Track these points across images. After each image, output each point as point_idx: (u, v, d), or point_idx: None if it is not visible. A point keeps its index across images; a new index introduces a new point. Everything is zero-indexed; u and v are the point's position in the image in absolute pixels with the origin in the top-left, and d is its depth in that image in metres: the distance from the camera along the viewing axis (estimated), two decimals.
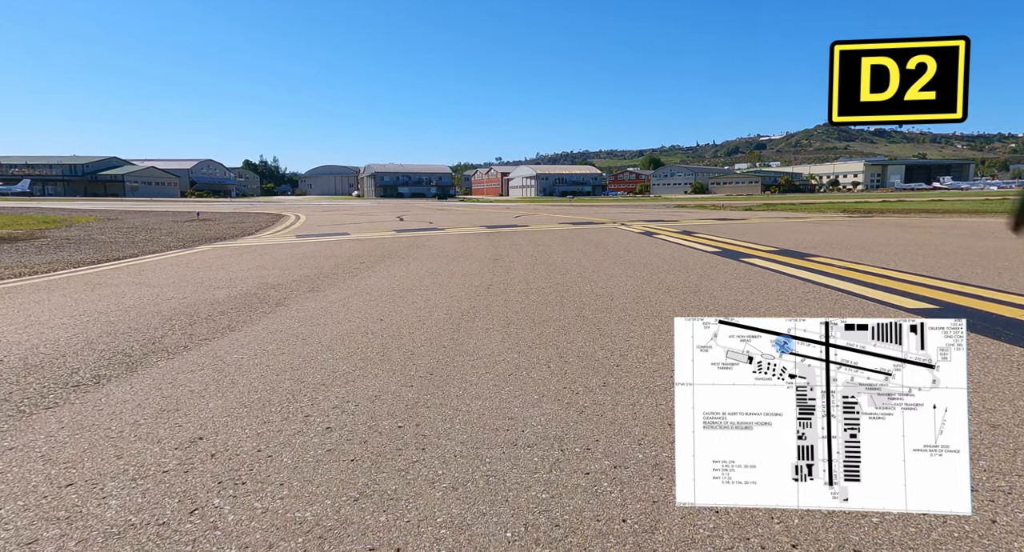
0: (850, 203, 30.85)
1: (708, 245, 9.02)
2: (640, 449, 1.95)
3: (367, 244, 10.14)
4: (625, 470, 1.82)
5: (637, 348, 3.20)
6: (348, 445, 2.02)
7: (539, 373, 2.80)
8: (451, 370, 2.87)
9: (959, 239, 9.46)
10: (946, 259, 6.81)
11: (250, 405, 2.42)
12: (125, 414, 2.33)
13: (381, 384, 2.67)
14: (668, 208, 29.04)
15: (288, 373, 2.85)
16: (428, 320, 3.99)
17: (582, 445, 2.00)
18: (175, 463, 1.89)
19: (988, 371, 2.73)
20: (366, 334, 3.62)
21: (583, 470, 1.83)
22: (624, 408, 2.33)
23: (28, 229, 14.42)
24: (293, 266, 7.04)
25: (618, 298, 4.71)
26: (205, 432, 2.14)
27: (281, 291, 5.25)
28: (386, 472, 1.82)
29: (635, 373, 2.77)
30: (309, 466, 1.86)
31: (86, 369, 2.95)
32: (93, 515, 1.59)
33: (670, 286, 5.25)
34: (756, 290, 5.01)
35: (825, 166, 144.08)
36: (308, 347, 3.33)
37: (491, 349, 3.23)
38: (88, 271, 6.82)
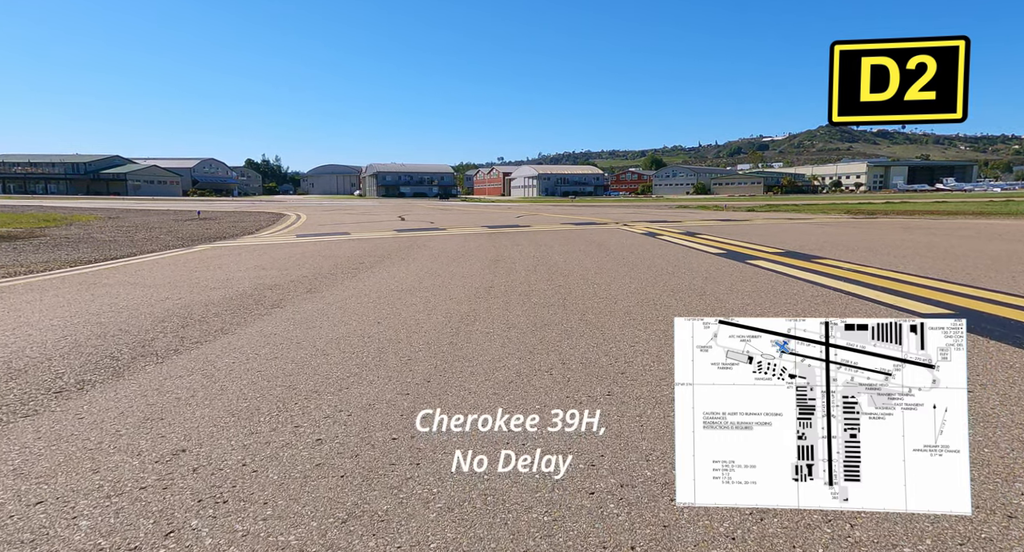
0: (853, 204, 30.68)
1: (712, 246, 8.89)
2: (648, 466, 1.84)
3: (367, 244, 10.04)
4: (633, 489, 1.71)
5: (643, 354, 3.08)
6: (338, 459, 1.90)
7: (541, 381, 2.68)
8: (449, 377, 2.76)
9: (967, 241, 9.32)
10: (956, 262, 6.68)
11: (238, 414, 2.31)
12: (107, 423, 2.22)
13: (376, 392, 2.55)
14: (670, 209, 28.91)
15: (280, 379, 2.74)
16: (427, 323, 3.88)
17: (586, 461, 1.88)
18: (154, 478, 1.78)
19: (1015, 382, 2.61)
20: (363, 338, 3.51)
21: (587, 489, 1.71)
22: (630, 420, 2.21)
23: (28, 227, 14.35)
24: (292, 266, 6.93)
25: (622, 301, 4.59)
26: (189, 443, 2.03)
27: (278, 292, 5.14)
28: (377, 490, 1.71)
29: (641, 382, 2.65)
30: (296, 482, 1.75)
31: (71, 374, 2.84)
32: (60, 538, 1.48)
33: (675, 289, 5.13)
34: (763, 293, 4.89)
35: (828, 167, 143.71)
36: (302, 351, 3.22)
37: (491, 354, 3.12)
38: (84, 271, 6.72)
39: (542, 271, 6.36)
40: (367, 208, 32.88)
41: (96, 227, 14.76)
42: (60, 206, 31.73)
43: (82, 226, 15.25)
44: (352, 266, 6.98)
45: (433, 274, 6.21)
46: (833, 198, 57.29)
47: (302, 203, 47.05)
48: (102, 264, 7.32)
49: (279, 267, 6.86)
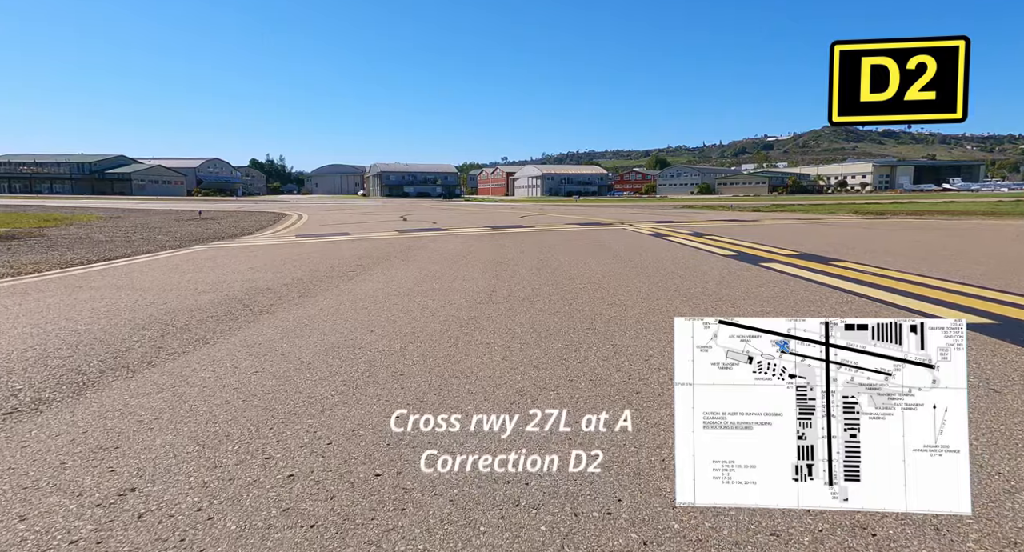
0: (860, 204, 30.22)
1: (723, 248, 8.58)
2: (676, 515, 1.55)
3: (367, 245, 9.77)
4: (659, 548, 1.42)
5: (658, 370, 2.80)
6: (310, 503, 1.63)
7: (546, 401, 2.40)
8: (444, 396, 2.48)
9: (988, 242, 8.97)
10: (982, 265, 6.35)
11: (204, 441, 2.04)
12: (52, 453, 1.95)
13: (362, 414, 2.28)
14: (676, 209, 28.55)
15: (257, 398, 2.47)
16: (423, 332, 3.60)
17: (601, 507, 1.60)
18: (89, 528, 1.50)
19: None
20: (353, 349, 3.23)
21: (604, 546, 1.43)
22: (650, 452, 1.93)
23: (27, 227, 14.16)
24: (287, 268, 6.67)
25: (632, 308, 4.30)
26: (141, 480, 1.76)
27: (269, 296, 4.88)
28: (352, 546, 1.43)
29: (659, 403, 2.36)
30: (256, 536, 1.47)
31: (29, 391, 2.58)
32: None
33: (687, 294, 4.84)
34: (784, 299, 4.59)
35: (833, 167, 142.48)
36: (286, 365, 2.95)
37: (491, 369, 2.83)
38: (74, 272, 6.48)
39: (546, 275, 6.07)
40: (370, 208, 32.64)
41: (96, 227, 14.56)
42: (64, 206, 31.64)
43: (82, 226, 15.07)
44: (349, 268, 6.72)
45: (433, 277, 5.93)
46: (839, 198, 56.70)
47: (305, 203, 46.91)
48: (94, 265, 7.08)
49: (274, 269, 6.60)
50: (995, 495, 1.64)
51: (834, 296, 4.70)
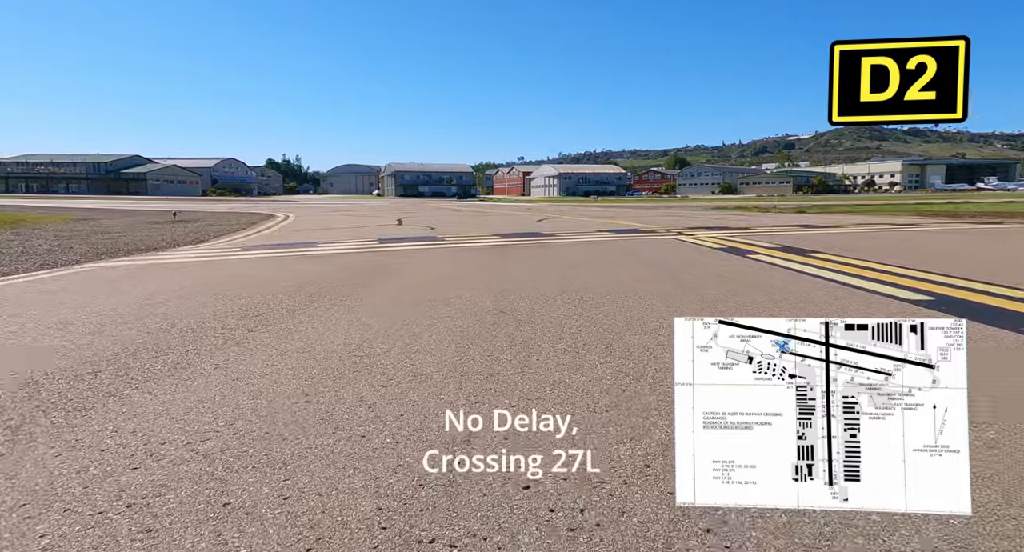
0: (913, 205, 27.06)
1: (867, 276, 5.57)
2: None
3: (320, 266, 7.10)
4: None
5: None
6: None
7: None
8: None
9: None
10: None
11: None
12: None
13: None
14: (706, 210, 25.59)
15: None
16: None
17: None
18: None
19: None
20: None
21: None
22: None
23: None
24: (126, 324, 4.05)
25: None
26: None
27: (60, 384, 2.34)
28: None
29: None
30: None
31: None
32: None
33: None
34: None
35: (859, 166, 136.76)
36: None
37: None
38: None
39: (593, 344, 3.33)
40: (372, 209, 30.19)
41: (50, 232, 12.32)
42: (55, 206, 29.77)
43: (32, 229, 12.84)
44: (259, 311, 4.17)
45: (370, 349, 3.31)
46: (875, 198, 52.95)
47: (315, 203, 44.86)
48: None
49: (139, 315, 4.07)
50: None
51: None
